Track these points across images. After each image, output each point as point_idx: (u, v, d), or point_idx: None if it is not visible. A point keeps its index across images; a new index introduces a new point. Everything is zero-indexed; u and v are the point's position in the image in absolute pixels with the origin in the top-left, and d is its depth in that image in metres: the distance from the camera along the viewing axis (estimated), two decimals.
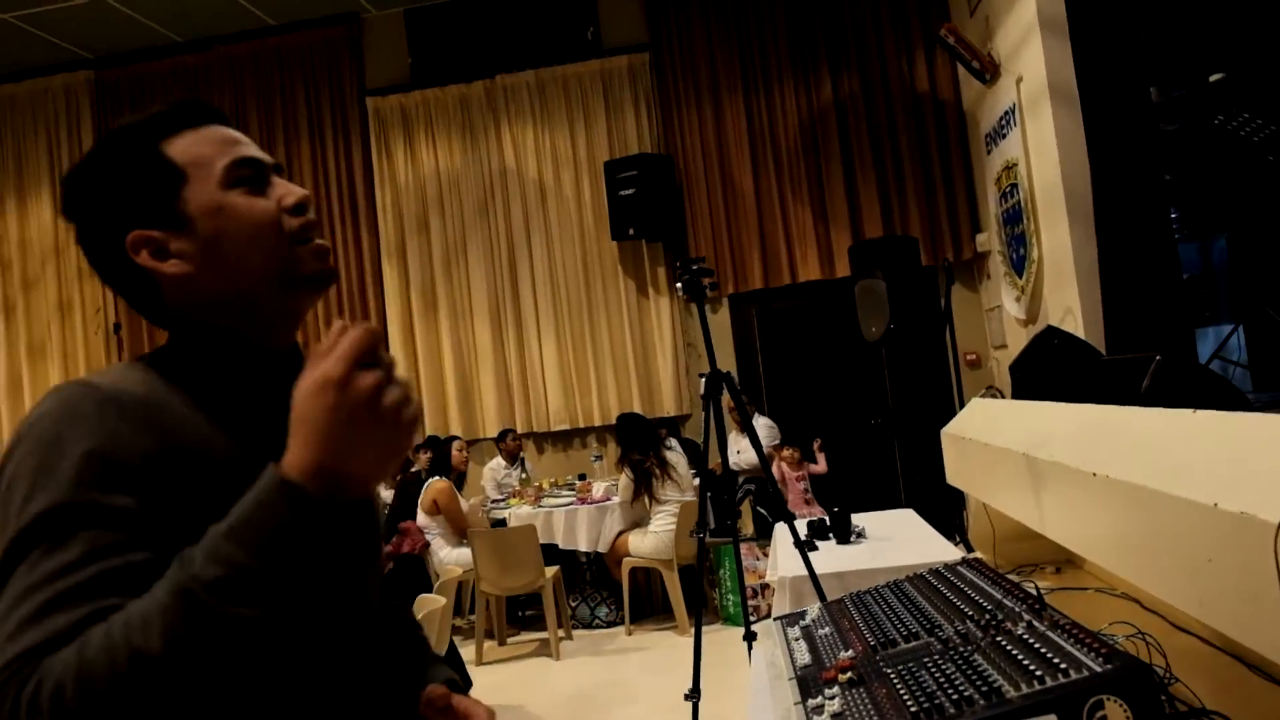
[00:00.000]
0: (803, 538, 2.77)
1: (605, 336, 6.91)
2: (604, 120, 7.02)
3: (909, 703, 1.10)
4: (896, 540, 2.86)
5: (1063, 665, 1.06)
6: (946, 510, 4.76)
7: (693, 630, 2.83)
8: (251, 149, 0.91)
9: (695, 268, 2.53)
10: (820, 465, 5.58)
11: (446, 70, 7.22)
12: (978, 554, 2.39)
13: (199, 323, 0.88)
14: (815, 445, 5.64)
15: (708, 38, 6.91)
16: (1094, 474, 1.45)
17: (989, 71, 5.48)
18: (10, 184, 7.69)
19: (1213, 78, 4.52)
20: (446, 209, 7.19)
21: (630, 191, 6.51)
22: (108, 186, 0.87)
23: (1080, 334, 4.30)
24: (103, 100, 7.64)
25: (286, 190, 0.91)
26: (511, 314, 7.08)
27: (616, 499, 5.29)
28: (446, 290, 7.15)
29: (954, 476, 2.65)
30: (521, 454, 6.71)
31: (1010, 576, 1.55)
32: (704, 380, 2.59)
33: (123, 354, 7.56)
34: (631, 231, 6.61)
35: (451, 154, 7.20)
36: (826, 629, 1.53)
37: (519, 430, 6.93)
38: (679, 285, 2.56)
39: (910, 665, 1.23)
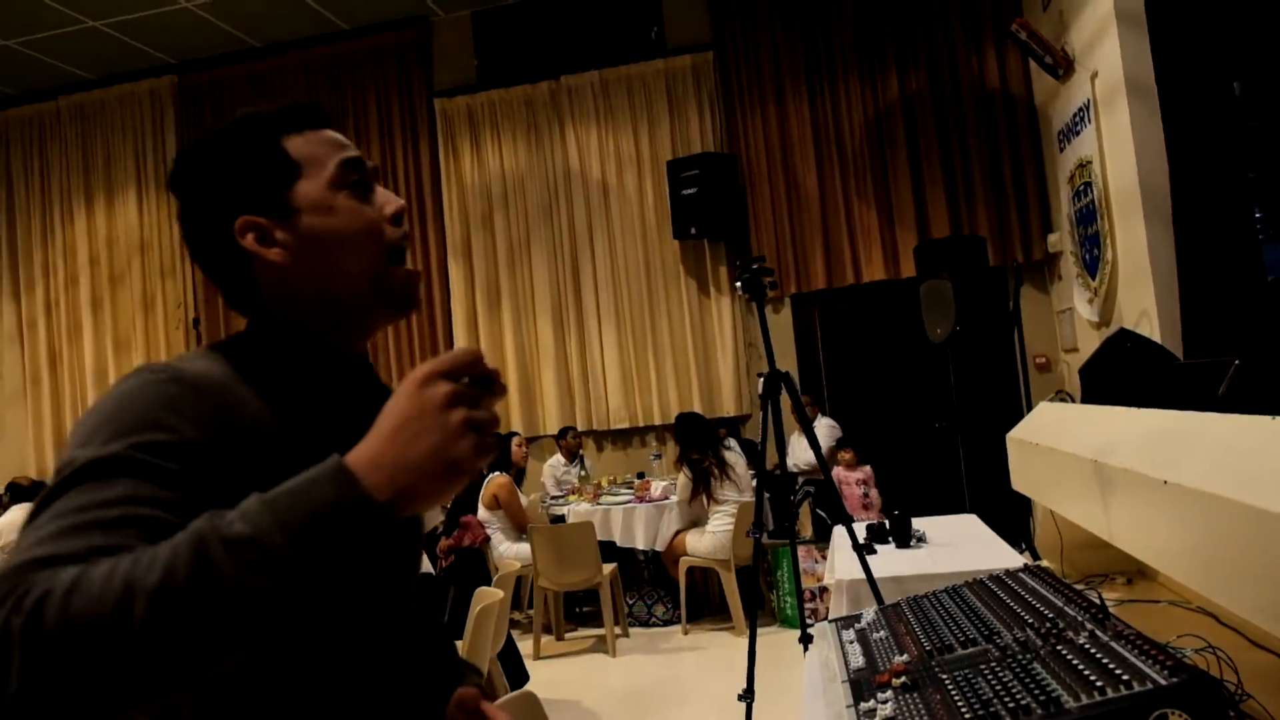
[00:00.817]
0: (862, 541, 2.74)
1: (666, 335, 6.92)
2: (667, 120, 7.03)
3: (963, 709, 1.09)
4: (958, 546, 2.81)
5: (1125, 676, 1.03)
6: (1012, 517, 4.65)
7: (748, 631, 2.82)
8: (357, 152, 0.96)
9: (755, 266, 2.52)
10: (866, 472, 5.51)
11: (512, 71, 7.31)
12: (1044, 562, 2.34)
13: (280, 315, 0.91)
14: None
15: (772, 35, 6.86)
16: (1165, 482, 1.40)
17: (1062, 67, 5.33)
18: (100, 184, 8.05)
19: None
20: (511, 208, 7.29)
21: (693, 191, 6.51)
22: (226, 169, 0.91)
23: (1156, 338, 4.15)
24: (185, 103, 7.95)
25: (387, 199, 0.94)
26: (574, 312, 7.14)
27: (674, 498, 5.30)
28: (510, 288, 7.25)
29: (1019, 482, 2.59)
30: (581, 451, 6.76)
31: (1074, 585, 1.52)
32: (762, 380, 2.58)
33: (201, 346, 7.85)
34: (693, 231, 6.60)
35: (516, 154, 7.30)
36: (882, 632, 1.51)
37: (579, 428, 6.98)
38: (738, 284, 2.55)
39: (966, 672, 1.21)
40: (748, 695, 2.76)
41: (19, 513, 6.05)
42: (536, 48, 7.28)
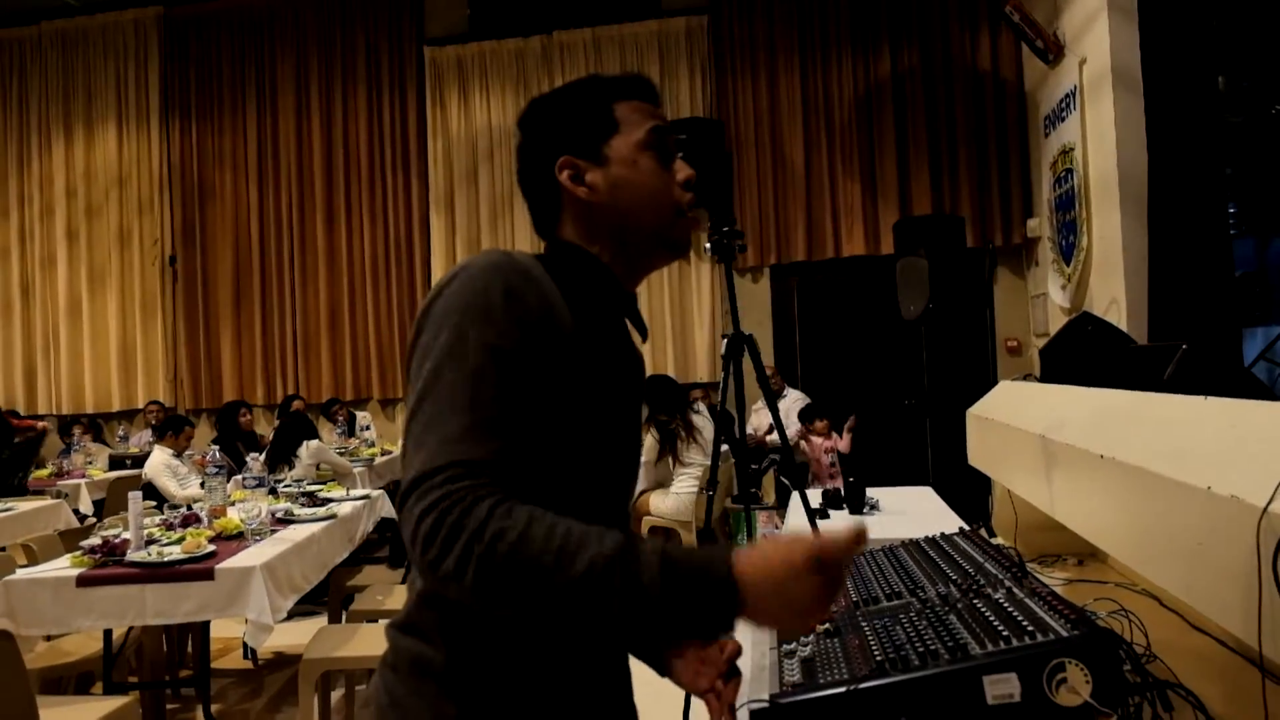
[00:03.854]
0: (817, 506, 2.79)
1: (644, 299, 6.93)
2: (657, 82, 6.96)
3: (876, 653, 1.13)
4: (910, 515, 2.87)
5: (1030, 628, 1.08)
6: (972, 496, 4.73)
7: None
8: (667, 124, 1.09)
9: (726, 229, 2.53)
10: (843, 443, 5.57)
11: (505, 24, 7.23)
12: (1000, 540, 2.38)
13: (578, 246, 1.06)
14: (847, 425, 5.61)
15: (768, 4, 6.82)
16: (1102, 456, 1.45)
17: (1053, 52, 5.33)
18: (80, 114, 7.92)
19: None
20: (496, 162, 7.24)
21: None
22: (561, 115, 1.07)
23: (1123, 325, 4.22)
24: (170, 37, 7.81)
25: (681, 168, 1.08)
26: None
27: (642, 459, 5.35)
28: (491, 243, 7.23)
29: (975, 457, 2.65)
30: None
31: (999, 545, 1.57)
32: (725, 341, 2.60)
33: (177, 284, 7.79)
34: None
35: (505, 108, 7.24)
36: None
37: None
38: (708, 245, 2.57)
39: (886, 621, 1.26)
40: None
41: None
42: (530, 1, 7.19)
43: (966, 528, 1.80)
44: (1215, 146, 4.27)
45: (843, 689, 1.06)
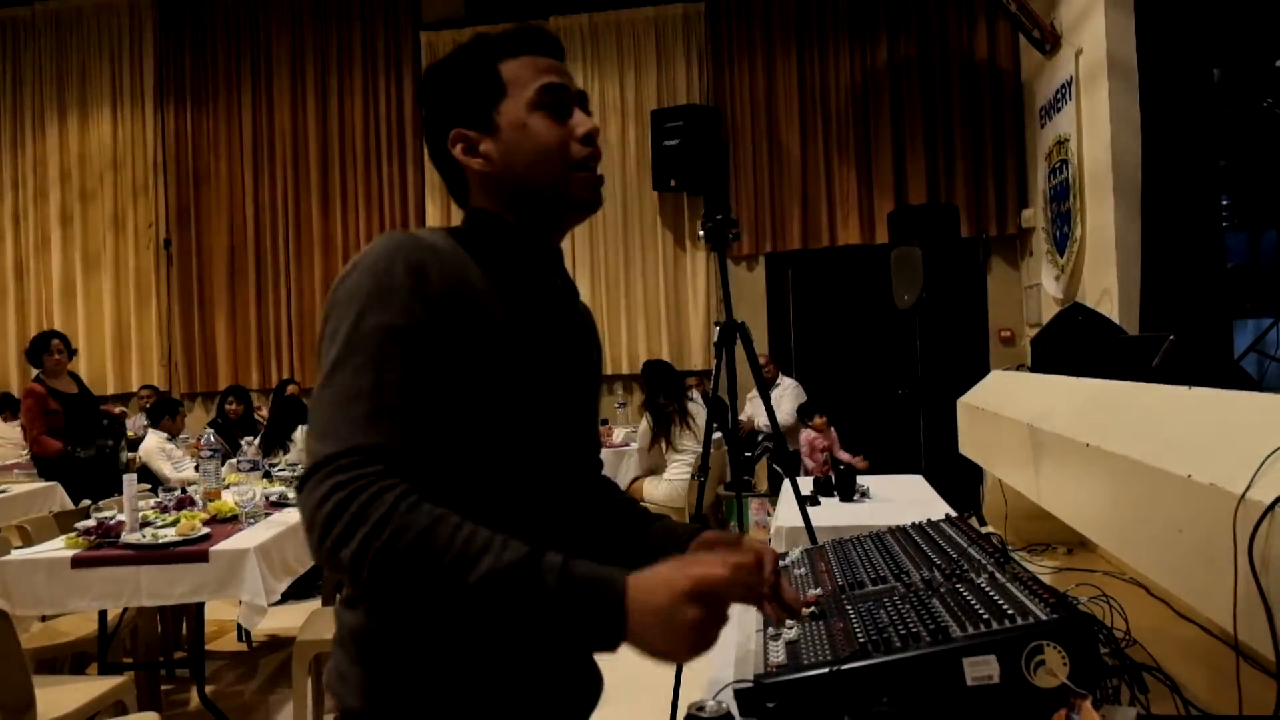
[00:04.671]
0: (808, 493, 2.82)
1: (639, 286, 6.94)
2: (654, 69, 6.97)
3: (860, 635, 1.15)
4: (899, 502, 2.90)
5: (1010, 612, 1.10)
6: (964, 485, 4.76)
7: None
8: (563, 79, 1.05)
9: (719, 217, 2.55)
10: (843, 454, 5.57)
11: (501, 8, 7.19)
12: (990, 529, 2.40)
13: (489, 211, 1.04)
14: (860, 459, 5.56)
15: None
16: (1087, 445, 1.46)
17: (1049, 42, 5.34)
18: (74, 97, 7.87)
19: None
20: None
21: (675, 142, 6.49)
22: (448, 88, 1.04)
23: (1115, 317, 4.24)
24: (165, 20, 7.77)
25: (580, 121, 1.05)
26: None
27: (635, 445, 5.37)
28: None
29: (966, 446, 2.66)
30: None
31: (985, 532, 1.59)
32: (718, 329, 2.62)
33: (172, 268, 7.77)
34: (673, 183, 6.59)
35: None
36: (803, 569, 1.58)
37: None
38: (701, 233, 2.58)
39: (870, 604, 1.28)
40: None
41: None
42: None
43: (954, 514, 1.82)
44: (1210, 138, 4.29)
45: (825, 670, 1.08)
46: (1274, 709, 1.00)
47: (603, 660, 0.98)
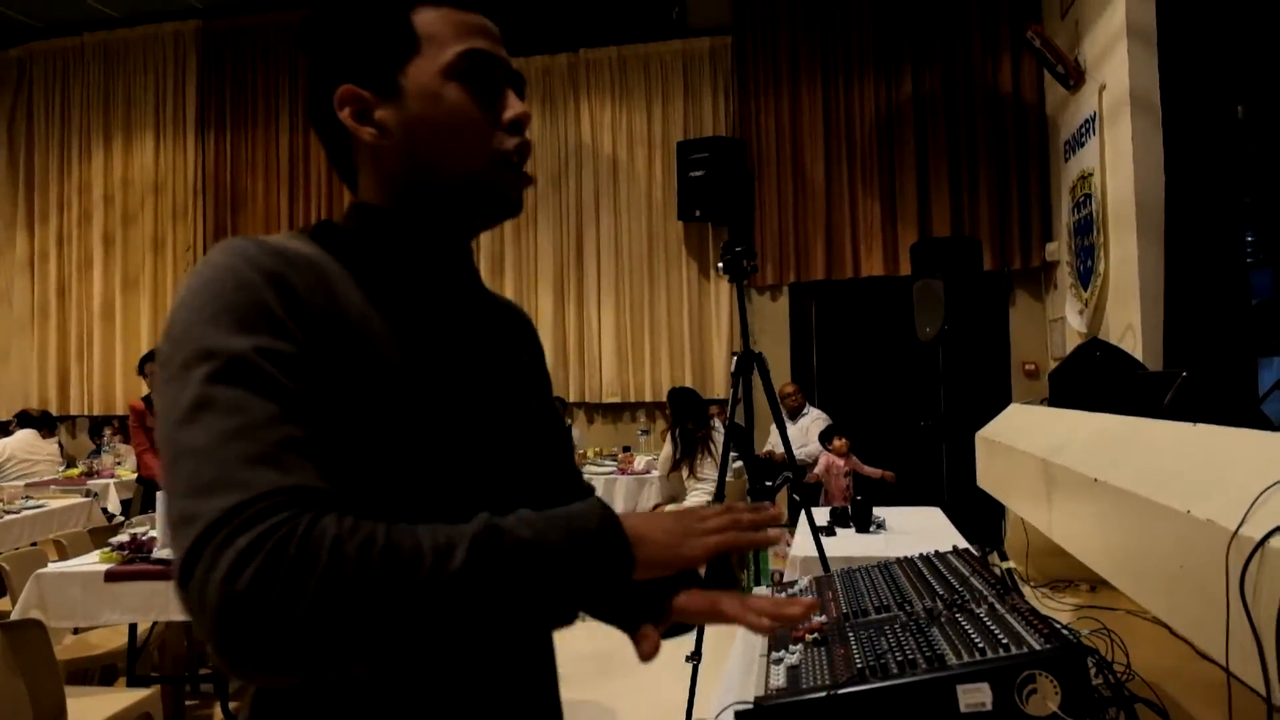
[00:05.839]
0: (824, 524, 2.84)
1: (664, 314, 7.01)
2: (681, 101, 7.08)
3: (859, 661, 1.19)
4: (915, 534, 2.92)
5: (1006, 641, 1.14)
6: (986, 519, 4.74)
7: None
8: (493, 46, 0.83)
9: (738, 249, 2.60)
10: (866, 469, 5.58)
11: (532, 41, 7.36)
12: (1011, 564, 2.40)
13: (374, 198, 0.83)
14: (887, 474, 5.58)
15: (792, 24, 6.90)
16: (1095, 479, 1.49)
17: (1074, 77, 5.37)
18: (119, 123, 8.14)
19: None
20: None
21: (700, 173, 6.57)
22: (343, 31, 0.82)
23: (1137, 353, 4.23)
24: (208, 49, 8.02)
25: (511, 104, 0.84)
26: (574, 284, 7.23)
27: (656, 472, 5.41)
28: (514, 256, 7.34)
29: (985, 480, 2.67)
30: (570, 422, 6.88)
31: (989, 563, 1.61)
32: (735, 358, 2.66)
33: None
34: (698, 213, 6.67)
35: (533, 125, 7.33)
36: (810, 598, 1.62)
37: (571, 399, 7.09)
38: (720, 265, 2.64)
39: (871, 632, 1.31)
40: (694, 657, 2.88)
41: (28, 435, 6.20)
42: (558, 19, 7.32)
43: (962, 547, 1.85)
44: (1234, 174, 4.28)
45: (823, 694, 1.12)
46: None
47: (619, 685, 1.00)
